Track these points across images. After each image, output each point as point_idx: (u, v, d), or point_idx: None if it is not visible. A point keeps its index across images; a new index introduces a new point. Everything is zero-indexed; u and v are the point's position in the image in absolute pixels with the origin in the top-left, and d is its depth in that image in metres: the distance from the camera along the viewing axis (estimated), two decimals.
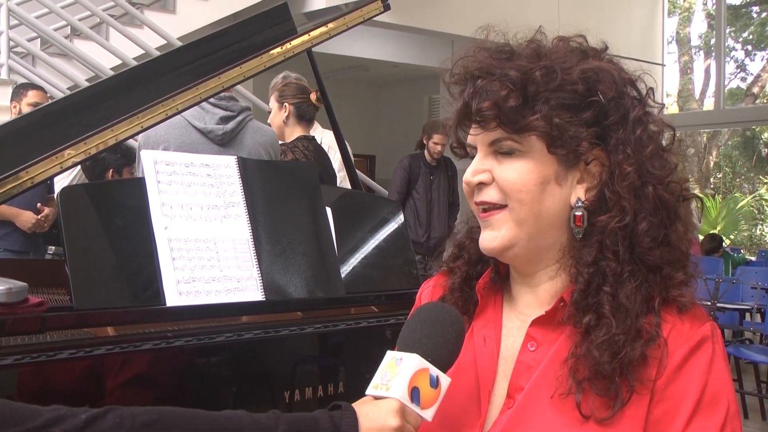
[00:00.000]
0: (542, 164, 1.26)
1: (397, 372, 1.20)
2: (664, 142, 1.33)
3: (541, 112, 1.23)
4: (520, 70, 1.25)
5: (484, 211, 1.31)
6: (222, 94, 3.68)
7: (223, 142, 3.74)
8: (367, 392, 1.23)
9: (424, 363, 1.20)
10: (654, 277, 1.24)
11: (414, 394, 1.19)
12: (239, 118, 3.82)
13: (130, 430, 1.07)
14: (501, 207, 1.29)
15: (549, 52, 1.29)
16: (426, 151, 7.73)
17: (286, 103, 4.61)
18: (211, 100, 3.67)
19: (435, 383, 1.20)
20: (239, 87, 4.81)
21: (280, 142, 4.49)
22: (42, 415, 1.05)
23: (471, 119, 1.30)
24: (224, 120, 3.76)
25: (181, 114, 3.58)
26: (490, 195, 1.30)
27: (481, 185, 1.30)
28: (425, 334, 1.25)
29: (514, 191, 1.26)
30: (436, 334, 1.25)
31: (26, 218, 5.10)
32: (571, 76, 1.25)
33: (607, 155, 1.27)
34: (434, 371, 1.21)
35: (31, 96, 5.42)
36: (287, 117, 4.60)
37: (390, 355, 1.24)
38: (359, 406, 1.20)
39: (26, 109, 5.25)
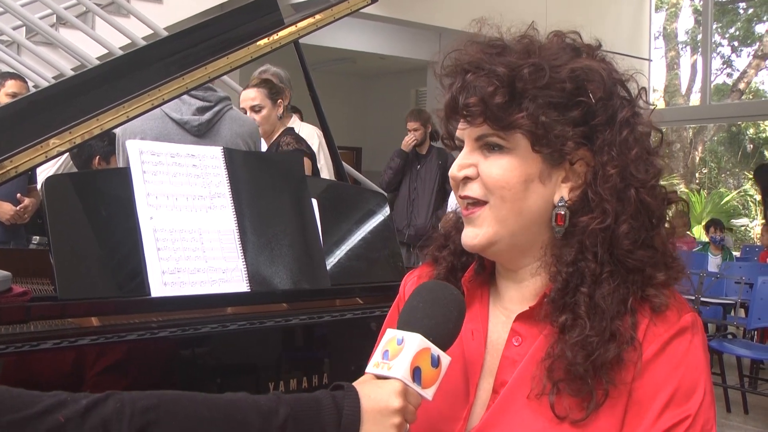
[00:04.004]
0: (527, 162, 1.26)
1: (399, 351, 1.20)
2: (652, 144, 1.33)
3: (528, 110, 1.22)
4: (509, 66, 1.24)
5: (467, 207, 1.32)
6: None
7: (199, 133, 3.73)
8: (367, 370, 1.22)
9: (426, 342, 1.20)
10: (634, 278, 1.24)
11: (416, 373, 1.19)
12: (216, 109, 3.81)
13: (131, 415, 1.06)
14: (483, 204, 1.29)
15: (540, 49, 1.29)
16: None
17: (280, 100, 4.66)
18: None
19: (436, 363, 1.21)
20: (225, 77, 4.80)
21: (281, 134, 4.53)
22: (42, 400, 1.04)
23: (459, 113, 1.30)
24: (200, 111, 3.74)
25: None
26: (473, 190, 1.30)
27: (467, 179, 1.30)
28: (426, 313, 1.24)
29: (497, 187, 1.26)
30: (437, 313, 1.25)
31: (4, 210, 5.03)
32: (560, 74, 1.24)
33: (593, 156, 1.27)
34: (435, 351, 1.21)
35: (10, 86, 5.34)
36: (282, 112, 4.67)
37: (390, 334, 1.24)
38: (361, 386, 1.19)
39: (4, 99, 5.16)
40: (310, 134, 5.18)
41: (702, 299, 6.89)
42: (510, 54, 1.28)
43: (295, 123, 5.14)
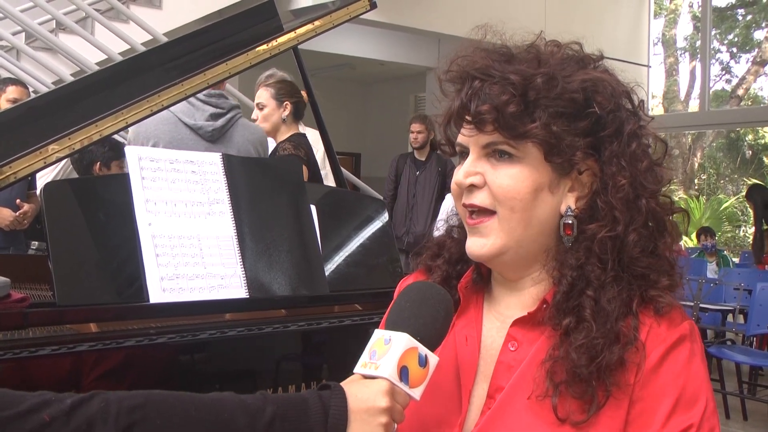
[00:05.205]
0: (537, 171, 1.26)
1: (386, 351, 1.20)
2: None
3: (541, 120, 1.23)
4: (522, 75, 1.25)
5: (472, 216, 1.31)
6: (212, 91, 3.71)
7: (212, 139, 3.77)
8: (355, 370, 1.23)
9: (413, 342, 1.21)
10: (638, 282, 1.25)
11: (403, 373, 1.19)
12: (229, 116, 3.85)
13: (116, 414, 1.07)
14: (490, 213, 1.29)
15: (548, 58, 1.29)
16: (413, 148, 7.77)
17: (287, 102, 4.63)
18: (201, 96, 3.71)
19: (423, 362, 1.21)
20: (225, 84, 4.78)
21: (285, 139, 4.52)
22: (27, 400, 1.05)
23: (466, 120, 1.29)
24: (214, 117, 3.78)
25: (171, 110, 3.62)
26: (480, 198, 1.29)
27: (472, 187, 1.30)
28: (414, 313, 1.25)
29: (507, 198, 1.26)
30: (424, 313, 1.25)
31: (4, 216, 5.02)
32: (571, 85, 1.25)
33: (600, 166, 1.28)
34: (423, 350, 1.21)
35: (11, 92, 5.33)
36: (288, 115, 4.63)
37: (378, 334, 1.24)
38: (348, 386, 1.20)
39: (5, 105, 5.14)
40: (316, 139, 5.18)
41: (701, 305, 6.89)
42: (518, 62, 1.28)
43: (300, 127, 5.12)
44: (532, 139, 1.24)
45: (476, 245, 1.31)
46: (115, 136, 3.72)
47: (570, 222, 1.28)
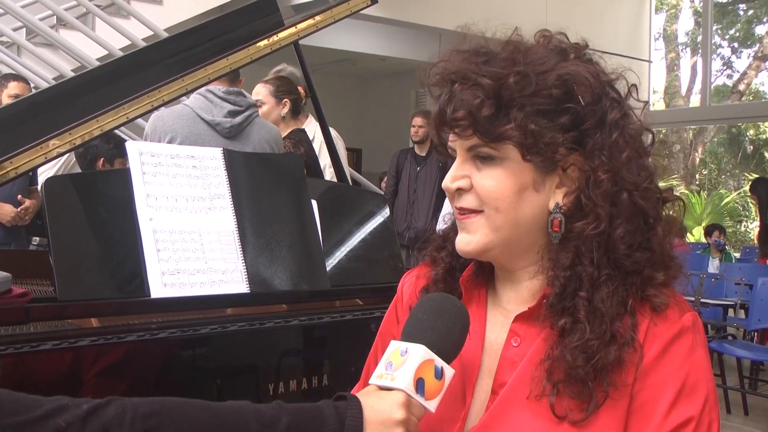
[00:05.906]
0: (519, 171, 1.25)
1: (403, 362, 1.20)
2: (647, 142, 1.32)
3: (516, 120, 1.21)
4: (494, 76, 1.23)
5: (461, 212, 1.31)
6: (230, 88, 3.73)
7: (230, 135, 3.78)
8: (371, 381, 1.22)
9: (430, 354, 1.20)
10: (633, 279, 1.23)
11: (419, 385, 1.18)
12: (246, 113, 3.87)
13: (131, 421, 1.06)
14: (478, 212, 1.29)
15: (526, 54, 1.27)
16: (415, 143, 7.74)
17: (286, 99, 4.65)
18: (219, 93, 3.73)
19: (440, 374, 1.20)
20: None
21: (284, 137, 4.54)
22: (43, 405, 1.05)
23: (448, 125, 1.29)
24: (232, 114, 3.80)
25: (189, 105, 3.62)
26: (467, 201, 1.29)
27: (460, 191, 1.30)
28: (430, 325, 1.25)
29: (492, 199, 1.26)
30: (441, 325, 1.25)
31: (5, 212, 5.01)
32: (547, 81, 1.23)
33: (585, 160, 1.26)
34: (439, 362, 1.21)
35: (12, 87, 5.33)
36: (287, 112, 4.65)
37: (394, 345, 1.24)
38: (364, 397, 1.19)
39: (7, 101, 5.14)
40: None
41: (702, 300, 6.89)
42: (496, 62, 1.27)
43: (310, 123, 5.12)
44: (509, 140, 1.23)
45: (463, 242, 1.31)
46: (119, 133, 3.72)
47: (558, 218, 1.27)
